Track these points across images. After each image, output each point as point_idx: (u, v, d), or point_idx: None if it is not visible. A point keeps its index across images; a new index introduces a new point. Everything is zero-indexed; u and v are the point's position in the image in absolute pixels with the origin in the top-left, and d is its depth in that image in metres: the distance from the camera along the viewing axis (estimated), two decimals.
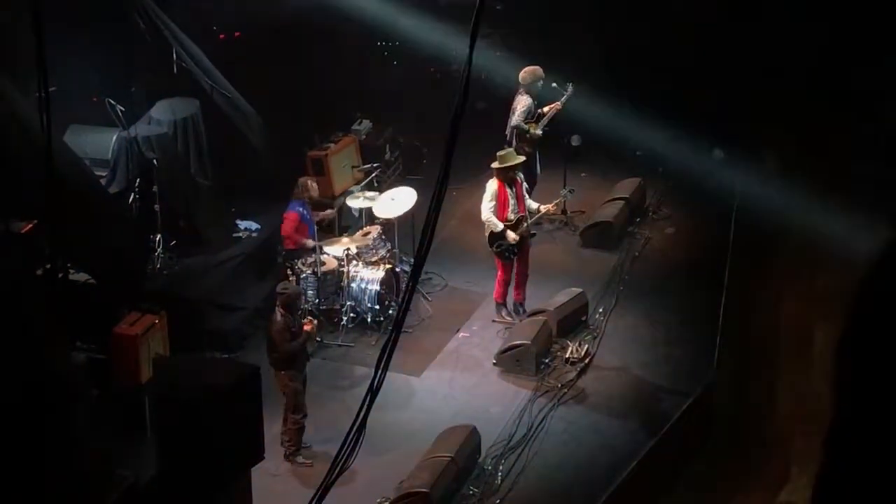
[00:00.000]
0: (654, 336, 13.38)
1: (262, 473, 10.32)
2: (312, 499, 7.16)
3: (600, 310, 13.73)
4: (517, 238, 13.24)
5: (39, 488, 8.31)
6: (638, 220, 15.52)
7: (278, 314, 11.44)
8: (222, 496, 9.40)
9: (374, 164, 15.15)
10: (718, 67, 16.42)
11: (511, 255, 13.37)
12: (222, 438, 9.18)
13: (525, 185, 13.45)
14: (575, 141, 16.17)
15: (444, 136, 6.02)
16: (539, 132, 14.85)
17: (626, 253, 14.86)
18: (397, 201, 13.88)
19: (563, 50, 16.37)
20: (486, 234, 13.37)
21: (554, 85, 15.04)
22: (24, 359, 8.59)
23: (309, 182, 13.62)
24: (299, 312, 12.03)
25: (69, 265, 11.99)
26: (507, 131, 14.90)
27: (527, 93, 14.89)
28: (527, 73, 14.85)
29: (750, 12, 16.02)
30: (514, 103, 14.94)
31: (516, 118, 14.81)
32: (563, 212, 15.41)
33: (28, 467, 8.26)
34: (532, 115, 14.87)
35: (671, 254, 14.97)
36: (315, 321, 12.41)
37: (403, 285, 13.66)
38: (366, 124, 16.23)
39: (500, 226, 13.16)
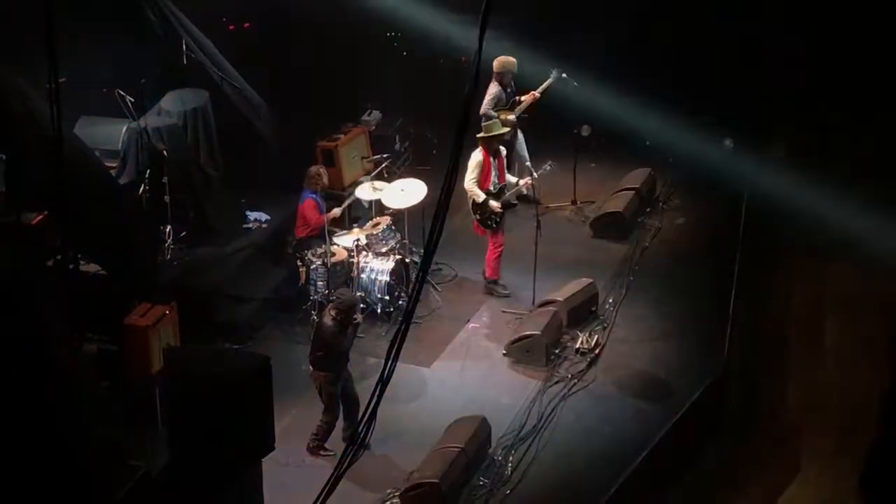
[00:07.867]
0: (664, 327, 13.36)
1: (273, 464, 10.33)
2: (323, 489, 7.17)
3: (610, 300, 13.73)
4: (500, 207, 13.54)
5: (51, 480, 8.32)
6: (648, 210, 15.50)
7: (329, 318, 11.44)
8: (233, 487, 9.41)
9: (384, 155, 15.12)
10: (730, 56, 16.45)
11: (494, 223, 13.63)
12: (233, 429, 9.19)
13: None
14: (584, 131, 16.15)
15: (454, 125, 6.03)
16: (512, 118, 14.99)
17: (636, 243, 14.84)
18: (407, 192, 13.88)
19: (569, 40, 16.33)
20: (469, 203, 13.65)
21: (562, 74, 15.08)
22: (34, 350, 8.59)
23: (321, 170, 13.69)
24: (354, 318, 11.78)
25: (79, 256, 12.02)
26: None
27: (497, 81, 15.02)
28: (497, 62, 15.03)
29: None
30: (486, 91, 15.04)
31: (483, 106, 14.95)
32: (573, 202, 15.41)
33: (39, 459, 8.27)
34: (502, 102, 15.02)
35: (681, 244, 14.94)
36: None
37: (413, 276, 13.67)
38: (376, 115, 16.23)
39: (483, 196, 13.49)
